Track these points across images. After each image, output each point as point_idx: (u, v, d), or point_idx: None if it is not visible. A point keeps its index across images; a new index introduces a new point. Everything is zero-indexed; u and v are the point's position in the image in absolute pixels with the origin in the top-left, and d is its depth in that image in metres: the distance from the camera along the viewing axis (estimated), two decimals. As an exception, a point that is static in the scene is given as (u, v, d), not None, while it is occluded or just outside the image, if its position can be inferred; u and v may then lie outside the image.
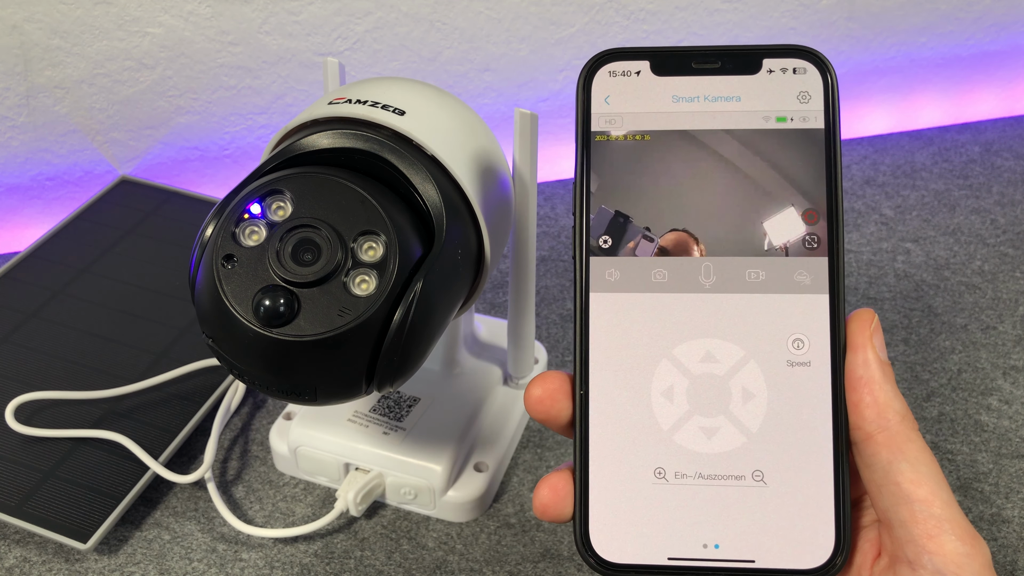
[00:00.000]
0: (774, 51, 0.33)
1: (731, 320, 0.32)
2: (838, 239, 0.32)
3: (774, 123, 0.33)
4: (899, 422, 0.30)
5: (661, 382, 0.32)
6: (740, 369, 0.32)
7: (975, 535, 0.29)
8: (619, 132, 0.33)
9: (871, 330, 0.31)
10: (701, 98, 0.33)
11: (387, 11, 0.68)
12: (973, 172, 0.77)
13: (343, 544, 0.49)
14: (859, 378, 0.31)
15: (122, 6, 0.64)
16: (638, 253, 0.33)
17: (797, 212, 0.32)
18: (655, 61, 0.33)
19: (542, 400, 0.32)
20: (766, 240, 0.32)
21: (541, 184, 0.75)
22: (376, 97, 0.41)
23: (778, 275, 0.32)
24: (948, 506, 0.29)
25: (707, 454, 0.32)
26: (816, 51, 0.33)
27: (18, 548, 0.49)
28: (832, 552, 0.31)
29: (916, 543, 0.29)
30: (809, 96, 0.33)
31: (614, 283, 0.32)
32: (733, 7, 0.74)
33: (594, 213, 0.33)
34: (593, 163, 0.33)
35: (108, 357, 0.56)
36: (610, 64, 0.33)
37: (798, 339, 0.32)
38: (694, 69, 0.33)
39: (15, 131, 0.66)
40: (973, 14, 0.81)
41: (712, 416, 0.32)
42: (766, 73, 0.33)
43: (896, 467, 0.30)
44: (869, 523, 0.32)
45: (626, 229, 0.33)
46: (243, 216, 0.36)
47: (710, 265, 0.32)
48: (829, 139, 0.32)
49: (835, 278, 0.32)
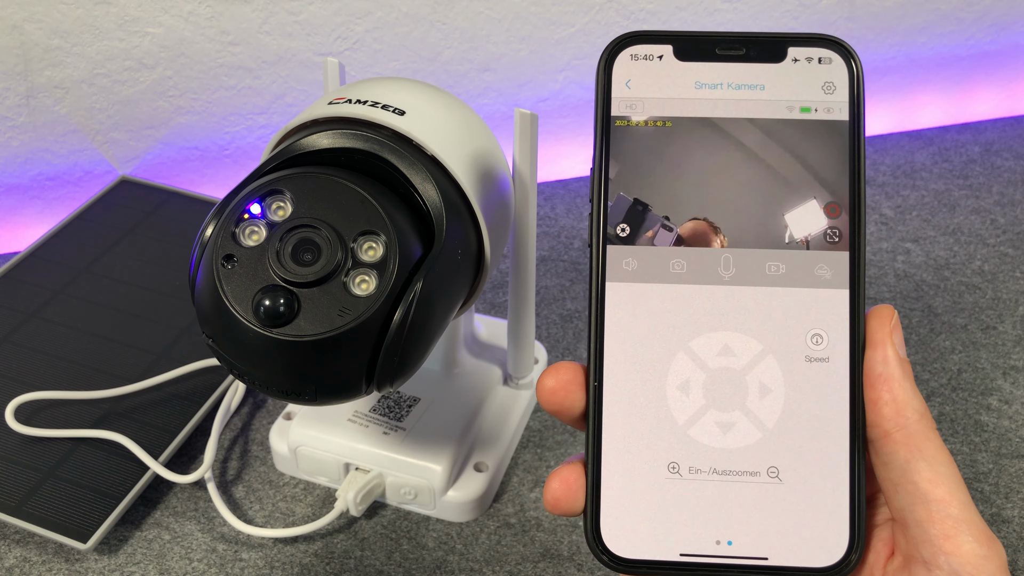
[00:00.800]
0: (800, 39, 0.32)
1: (749, 313, 0.32)
2: (860, 234, 0.32)
3: (798, 113, 0.32)
4: (918, 420, 0.30)
5: (677, 375, 0.31)
6: (758, 363, 0.31)
7: (992, 537, 0.29)
8: (640, 117, 0.32)
9: (891, 326, 0.31)
10: (724, 85, 0.32)
11: (387, 11, 0.68)
12: (973, 172, 0.77)
13: (343, 544, 0.49)
14: (878, 375, 0.30)
15: (122, 6, 0.64)
16: (656, 242, 0.32)
17: (819, 205, 0.32)
18: (678, 45, 0.32)
19: (555, 391, 0.31)
20: (787, 232, 0.32)
21: (541, 184, 0.75)
22: (376, 97, 0.41)
23: (798, 268, 0.32)
24: (966, 507, 0.29)
25: (722, 449, 0.31)
26: (842, 41, 0.32)
27: (18, 548, 0.49)
28: (846, 550, 0.30)
29: (932, 543, 0.29)
30: (834, 87, 0.32)
31: (631, 273, 0.32)
32: (733, 7, 0.74)
33: (612, 200, 0.32)
34: (612, 149, 0.32)
35: (108, 357, 0.56)
36: (632, 47, 0.33)
37: (817, 334, 0.32)
38: (718, 55, 0.32)
39: (15, 131, 0.66)
40: (973, 14, 0.81)
41: (728, 411, 0.31)
42: (791, 62, 0.32)
43: (914, 466, 0.29)
44: (882, 521, 0.32)
45: (644, 217, 0.32)
46: (243, 216, 0.36)
47: (729, 257, 0.32)
48: (854, 131, 0.32)
49: (856, 273, 0.32)
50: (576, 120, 0.77)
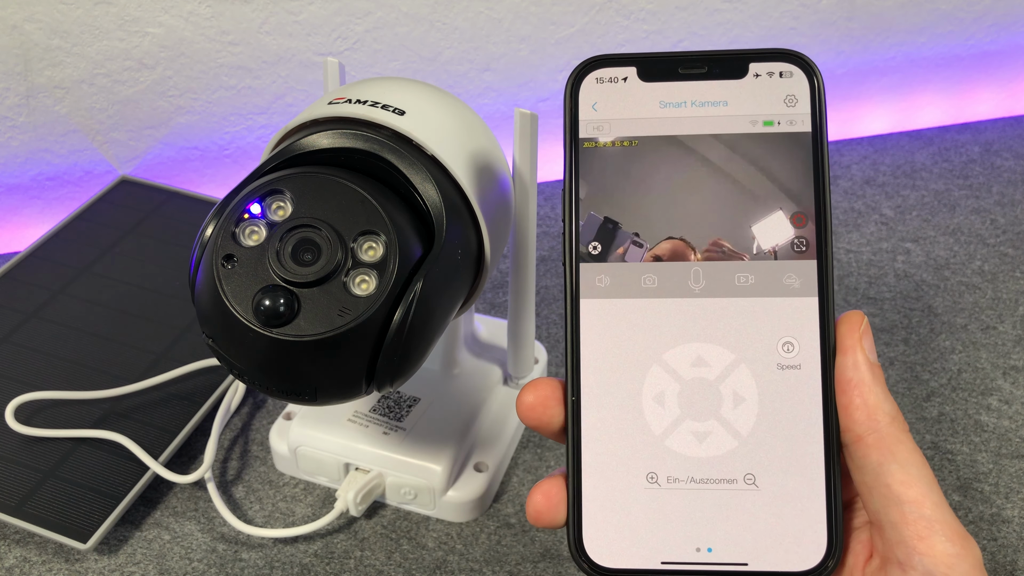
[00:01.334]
0: (760, 55, 0.33)
1: (721, 324, 0.32)
2: (826, 242, 0.32)
3: (761, 127, 0.33)
4: (889, 424, 0.30)
5: (652, 387, 0.32)
6: (731, 373, 0.32)
7: (965, 535, 0.29)
8: (607, 138, 0.33)
9: (860, 332, 0.31)
10: (688, 103, 0.33)
11: (387, 11, 0.68)
12: (973, 172, 0.77)
13: (343, 544, 0.49)
14: (849, 380, 0.31)
15: (122, 6, 0.64)
16: (627, 259, 0.33)
17: (785, 215, 0.32)
18: (642, 67, 0.33)
19: (534, 407, 0.32)
20: (755, 244, 0.32)
21: (541, 184, 0.75)
22: (376, 97, 0.41)
23: (767, 279, 0.32)
24: (938, 507, 0.29)
25: (699, 458, 0.32)
26: (802, 54, 0.33)
27: (18, 548, 0.49)
28: (824, 554, 0.31)
29: (906, 544, 0.29)
30: (796, 99, 0.33)
31: (604, 289, 0.33)
32: (733, 7, 0.74)
33: (583, 219, 0.33)
34: (581, 170, 0.33)
35: (108, 357, 0.56)
36: (597, 71, 0.33)
37: (788, 342, 0.32)
38: (681, 75, 0.33)
39: (15, 131, 0.66)
40: (973, 14, 0.81)
41: (703, 420, 0.32)
42: (752, 77, 0.33)
43: (886, 468, 0.30)
44: (861, 525, 0.32)
45: (615, 235, 0.33)
46: (243, 216, 0.36)
47: (699, 270, 0.33)
48: (816, 142, 0.33)
49: (824, 281, 0.32)
50: (576, 120, 0.77)
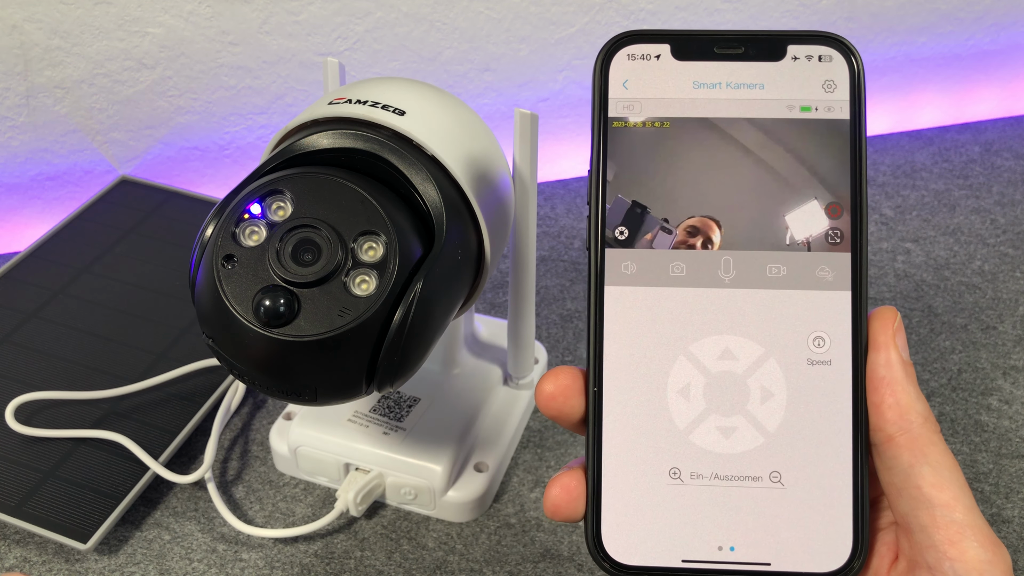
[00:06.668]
0: (800, 37, 0.32)
1: (750, 316, 0.31)
2: (862, 234, 0.31)
3: (798, 112, 0.32)
4: (921, 424, 0.29)
5: (677, 380, 0.31)
6: (759, 367, 0.31)
7: (997, 542, 0.29)
8: (637, 118, 0.32)
9: (894, 329, 0.30)
10: (723, 84, 0.32)
11: (387, 11, 0.68)
12: (973, 172, 0.77)
13: (343, 544, 0.49)
14: (881, 378, 0.30)
15: (122, 6, 0.64)
16: (655, 245, 0.31)
17: (820, 206, 0.31)
18: (676, 45, 0.32)
19: (554, 396, 0.31)
20: (788, 234, 0.31)
21: (541, 184, 0.75)
22: (376, 97, 0.41)
23: (799, 270, 0.31)
24: (970, 512, 0.29)
25: (724, 454, 0.31)
26: (843, 38, 0.32)
27: (18, 548, 0.49)
28: (849, 556, 0.30)
29: (937, 548, 0.28)
30: (835, 85, 0.32)
31: (630, 276, 0.31)
32: (733, 7, 0.74)
33: (610, 203, 0.32)
34: (610, 150, 0.32)
35: (108, 357, 0.56)
36: (629, 47, 0.32)
37: (819, 337, 0.31)
38: (716, 54, 0.32)
39: (15, 131, 0.66)
40: (973, 14, 0.81)
41: (729, 415, 0.31)
42: (791, 60, 0.32)
43: (918, 470, 0.29)
44: (886, 525, 0.31)
45: (643, 220, 0.31)
46: (243, 216, 0.36)
47: (730, 259, 0.31)
48: (855, 130, 0.31)
49: (858, 275, 0.31)
50: (576, 120, 0.77)
